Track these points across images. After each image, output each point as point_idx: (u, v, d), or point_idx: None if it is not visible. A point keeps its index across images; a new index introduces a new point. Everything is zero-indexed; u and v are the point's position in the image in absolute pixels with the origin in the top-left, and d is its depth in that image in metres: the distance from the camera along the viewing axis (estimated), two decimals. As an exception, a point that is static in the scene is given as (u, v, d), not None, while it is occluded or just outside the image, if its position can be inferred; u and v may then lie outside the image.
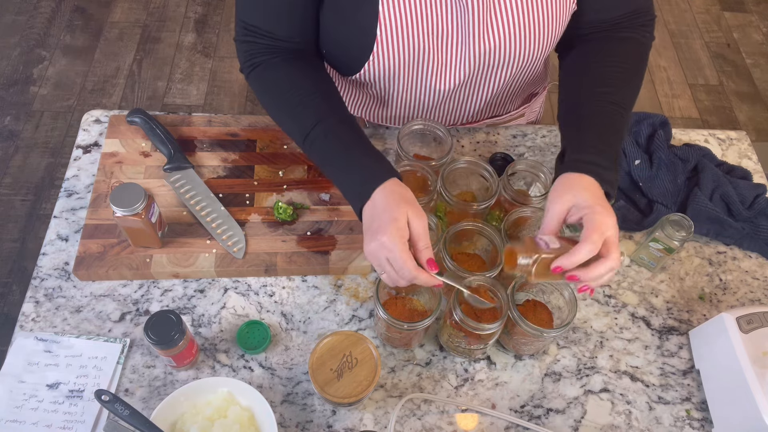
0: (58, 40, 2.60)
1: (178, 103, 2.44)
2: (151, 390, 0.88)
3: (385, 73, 0.95)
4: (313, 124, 0.87)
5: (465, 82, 1.00)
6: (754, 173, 1.17)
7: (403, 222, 0.77)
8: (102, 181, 1.03)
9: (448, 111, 1.10)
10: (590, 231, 0.75)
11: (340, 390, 0.81)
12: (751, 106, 2.64)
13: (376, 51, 0.90)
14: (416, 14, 0.88)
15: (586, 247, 0.74)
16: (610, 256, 0.75)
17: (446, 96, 1.03)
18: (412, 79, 0.98)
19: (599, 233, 0.74)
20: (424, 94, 1.02)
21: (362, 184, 0.82)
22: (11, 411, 0.85)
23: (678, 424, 0.91)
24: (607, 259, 0.75)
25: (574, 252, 0.74)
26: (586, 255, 0.74)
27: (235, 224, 1.00)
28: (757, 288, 1.05)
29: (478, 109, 1.10)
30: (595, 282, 0.77)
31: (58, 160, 2.24)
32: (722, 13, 2.99)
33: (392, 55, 0.91)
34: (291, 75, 0.93)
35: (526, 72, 1.01)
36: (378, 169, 0.83)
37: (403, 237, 0.77)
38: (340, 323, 0.96)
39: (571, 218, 0.80)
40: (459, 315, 0.83)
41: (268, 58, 0.93)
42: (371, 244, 0.78)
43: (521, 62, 0.96)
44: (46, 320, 0.93)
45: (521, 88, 1.09)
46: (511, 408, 0.90)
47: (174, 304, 0.95)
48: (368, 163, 0.85)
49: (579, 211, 0.78)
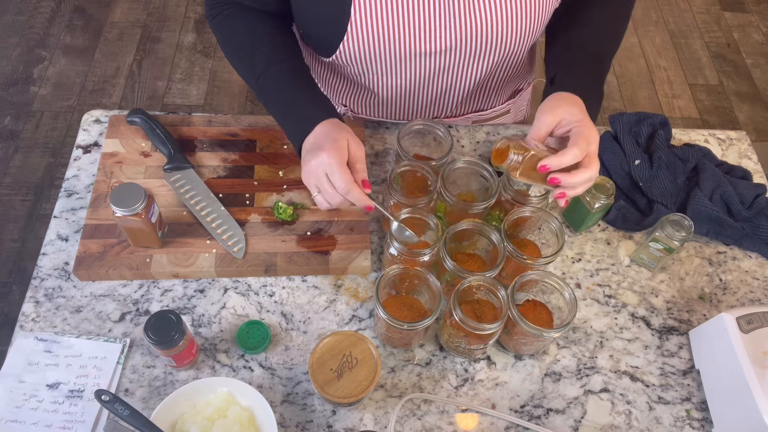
0: (58, 40, 2.60)
1: (178, 103, 2.44)
2: (151, 390, 0.88)
3: (362, 53, 0.95)
4: (264, 69, 0.92)
5: (446, 67, 0.99)
6: (754, 173, 1.17)
7: (343, 143, 0.84)
8: (102, 181, 1.03)
9: (431, 99, 1.08)
10: (578, 139, 0.81)
11: (340, 390, 0.81)
12: (751, 106, 2.64)
13: (350, 30, 0.91)
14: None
15: (574, 151, 0.81)
16: (591, 166, 0.82)
17: (427, 80, 1.02)
18: (390, 61, 0.97)
19: (586, 142, 0.81)
20: (405, 78, 1.01)
21: (306, 120, 0.88)
22: (11, 411, 0.85)
23: (678, 424, 0.91)
24: (588, 168, 0.82)
25: (562, 153, 0.81)
26: (572, 159, 0.81)
27: (235, 224, 1.00)
28: (757, 288, 1.05)
29: (462, 97, 1.09)
30: (572, 190, 0.83)
31: (58, 160, 2.24)
32: (722, 13, 2.99)
33: (368, 34, 0.91)
34: (250, 23, 0.96)
35: (510, 61, 1.01)
36: (322, 110, 0.89)
37: (343, 156, 0.83)
38: (340, 323, 0.96)
39: (559, 131, 0.86)
40: (459, 315, 0.83)
41: (234, 9, 0.97)
42: (311, 161, 0.84)
43: (504, 49, 0.96)
44: (46, 320, 0.93)
45: (505, 80, 1.09)
46: (511, 408, 0.90)
47: (174, 304, 0.95)
48: (313, 104, 0.91)
49: (568, 125, 0.84)
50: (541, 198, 0.97)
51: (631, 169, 1.11)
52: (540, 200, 0.97)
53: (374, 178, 1.11)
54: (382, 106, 1.12)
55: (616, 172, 1.13)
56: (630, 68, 2.73)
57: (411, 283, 0.92)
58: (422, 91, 1.06)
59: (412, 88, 1.04)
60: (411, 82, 1.03)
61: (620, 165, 1.13)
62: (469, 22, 0.91)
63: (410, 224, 0.93)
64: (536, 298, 0.95)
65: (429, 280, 0.87)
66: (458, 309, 0.83)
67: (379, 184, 1.11)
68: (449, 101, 1.10)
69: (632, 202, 1.12)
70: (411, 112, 1.13)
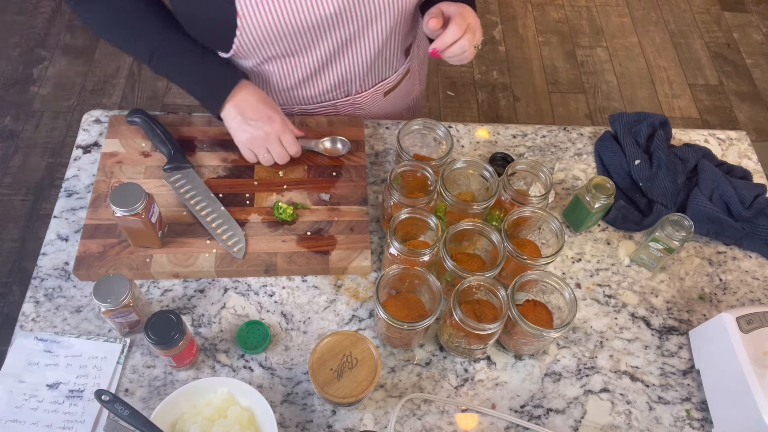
0: (58, 40, 2.60)
1: (178, 103, 2.44)
2: (151, 390, 0.88)
3: (259, 41, 0.95)
4: (158, 42, 0.97)
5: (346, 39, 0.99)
6: (754, 173, 1.17)
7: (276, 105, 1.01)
8: (102, 181, 1.03)
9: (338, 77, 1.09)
10: (455, 17, 0.93)
11: (340, 390, 0.81)
12: (751, 106, 2.64)
13: (241, 23, 0.91)
14: None
15: (452, 28, 0.92)
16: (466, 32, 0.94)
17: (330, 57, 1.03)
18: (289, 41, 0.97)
19: (461, 18, 0.93)
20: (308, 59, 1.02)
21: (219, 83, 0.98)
22: (11, 411, 0.85)
23: (678, 424, 0.91)
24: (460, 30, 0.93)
25: (443, 34, 0.93)
26: (453, 35, 0.92)
27: (235, 224, 1.00)
28: (757, 288, 1.05)
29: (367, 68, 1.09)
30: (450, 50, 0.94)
31: (58, 160, 2.24)
32: (722, 13, 2.99)
33: (260, 20, 0.91)
34: (122, 2, 0.96)
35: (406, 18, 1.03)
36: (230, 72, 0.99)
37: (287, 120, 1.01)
38: (340, 323, 0.96)
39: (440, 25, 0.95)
40: (459, 315, 0.83)
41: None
42: (263, 128, 0.98)
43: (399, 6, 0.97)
44: (46, 320, 0.93)
45: (401, 39, 1.10)
46: (511, 408, 0.90)
47: (174, 304, 0.95)
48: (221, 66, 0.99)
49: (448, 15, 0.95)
50: (541, 198, 0.97)
51: (631, 169, 1.11)
52: (540, 200, 0.97)
53: (374, 178, 1.11)
54: (291, 93, 1.11)
55: (616, 172, 1.13)
56: (630, 68, 2.73)
57: (411, 283, 0.92)
58: (328, 70, 1.06)
59: (318, 68, 1.05)
60: (315, 63, 1.03)
61: (620, 165, 1.13)
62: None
63: (410, 224, 0.92)
64: (536, 298, 0.95)
65: (429, 280, 0.87)
66: (458, 309, 0.83)
67: (379, 184, 1.11)
68: (355, 75, 1.10)
69: (632, 202, 1.12)
70: (323, 93, 1.12)
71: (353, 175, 1.08)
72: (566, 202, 1.11)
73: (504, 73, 2.67)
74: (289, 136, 1.01)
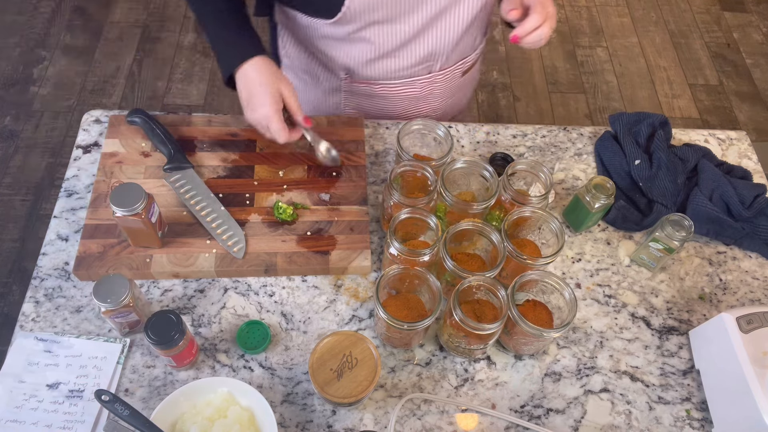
0: (58, 40, 2.60)
1: (178, 103, 2.44)
2: (151, 390, 0.88)
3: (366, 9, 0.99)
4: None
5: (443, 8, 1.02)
6: (754, 173, 1.17)
7: (278, 96, 0.99)
8: (102, 181, 1.03)
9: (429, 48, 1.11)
10: (535, 5, 0.95)
11: (340, 390, 0.81)
12: (751, 106, 2.64)
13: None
14: None
15: (533, 16, 0.95)
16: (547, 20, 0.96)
17: (426, 26, 1.05)
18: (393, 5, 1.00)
19: (542, 6, 0.95)
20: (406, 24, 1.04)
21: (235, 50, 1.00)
22: (11, 411, 0.85)
23: (678, 424, 0.91)
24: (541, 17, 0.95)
25: (525, 22, 0.95)
26: (534, 23, 0.94)
27: (235, 224, 1.00)
28: (757, 288, 1.05)
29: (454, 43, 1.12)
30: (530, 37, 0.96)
31: (58, 160, 2.24)
32: (722, 13, 2.99)
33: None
34: None
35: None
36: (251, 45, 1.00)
37: (278, 105, 0.99)
38: (340, 323, 0.96)
39: None
40: (459, 315, 0.83)
41: None
42: (254, 115, 1.00)
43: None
44: (46, 320, 0.93)
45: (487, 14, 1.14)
46: (511, 408, 0.90)
47: (174, 304, 0.95)
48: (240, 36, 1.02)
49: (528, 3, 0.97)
50: (541, 198, 0.97)
51: (631, 169, 1.11)
52: (540, 200, 0.97)
53: (374, 178, 1.11)
54: (383, 61, 1.12)
55: (616, 172, 1.13)
56: (630, 68, 2.73)
57: (411, 283, 0.92)
58: (420, 39, 1.08)
59: (412, 36, 1.06)
60: (412, 30, 1.05)
61: (620, 165, 1.13)
62: None
63: (410, 224, 0.92)
64: (536, 298, 0.95)
65: (429, 280, 0.87)
66: (458, 309, 0.83)
67: (379, 184, 1.11)
68: (444, 48, 1.12)
69: (632, 202, 1.12)
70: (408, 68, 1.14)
71: (353, 175, 1.08)
72: (566, 202, 1.11)
73: (504, 73, 2.67)
74: (275, 125, 1.01)
